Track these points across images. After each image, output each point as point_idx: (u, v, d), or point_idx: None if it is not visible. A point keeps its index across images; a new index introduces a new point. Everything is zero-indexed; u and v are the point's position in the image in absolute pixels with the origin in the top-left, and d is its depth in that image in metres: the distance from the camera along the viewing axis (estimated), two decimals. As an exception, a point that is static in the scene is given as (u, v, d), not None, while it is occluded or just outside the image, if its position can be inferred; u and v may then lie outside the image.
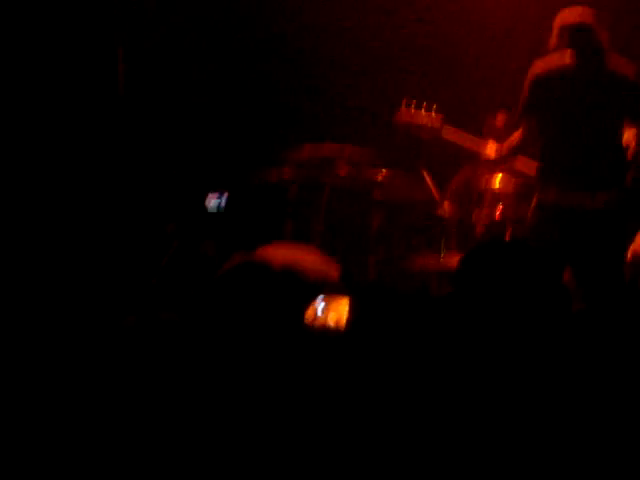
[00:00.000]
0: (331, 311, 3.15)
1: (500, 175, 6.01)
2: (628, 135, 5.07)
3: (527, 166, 5.58)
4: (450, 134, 5.40)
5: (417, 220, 6.17)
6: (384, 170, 6.17)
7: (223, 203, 6.60)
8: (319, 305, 3.17)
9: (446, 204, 6.37)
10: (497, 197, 6.02)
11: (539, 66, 4.99)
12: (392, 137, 5.86)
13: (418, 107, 5.43)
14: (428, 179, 6.05)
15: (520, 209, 5.88)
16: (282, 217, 6.36)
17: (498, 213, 5.96)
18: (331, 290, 3.24)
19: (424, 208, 6.22)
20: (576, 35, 4.89)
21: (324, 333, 3.14)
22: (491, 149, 5.34)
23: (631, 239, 5.19)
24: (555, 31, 4.95)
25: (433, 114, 5.48)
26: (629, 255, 5.56)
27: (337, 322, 3.13)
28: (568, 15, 4.94)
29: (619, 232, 5.00)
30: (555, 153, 5.00)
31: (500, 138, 5.58)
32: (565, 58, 4.97)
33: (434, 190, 5.95)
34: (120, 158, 6.57)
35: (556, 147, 5.00)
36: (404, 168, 6.21)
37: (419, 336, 3.18)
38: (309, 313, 3.17)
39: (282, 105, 7.47)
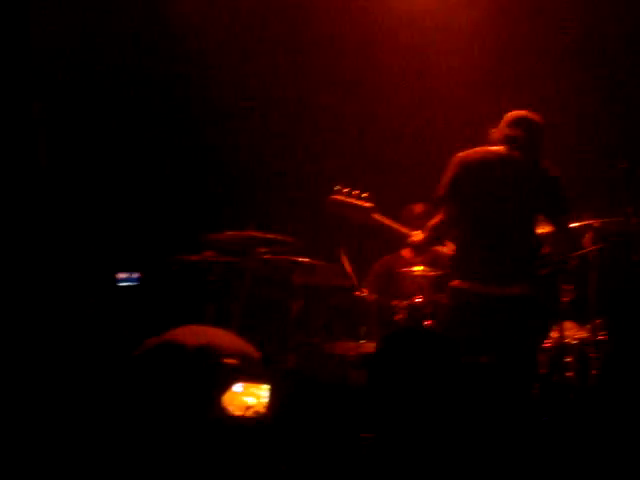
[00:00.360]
0: (250, 397, 3.11)
1: (421, 260, 6.09)
2: (544, 229, 5.18)
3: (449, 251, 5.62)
4: (379, 218, 5.45)
5: (337, 305, 6.16)
6: (304, 256, 6.18)
7: (134, 283, 6.57)
8: (237, 391, 3.13)
9: (366, 290, 6.40)
10: (417, 282, 6.06)
11: (464, 154, 5.09)
12: (316, 222, 5.89)
13: (350, 193, 5.48)
14: (346, 263, 6.06)
15: (440, 294, 5.93)
16: (203, 300, 6.30)
17: (418, 298, 6.00)
18: (250, 376, 3.20)
19: (344, 293, 6.22)
20: (521, 121, 5.11)
21: (243, 420, 3.09)
22: (417, 235, 5.39)
23: (545, 328, 5.24)
24: (502, 124, 5.15)
25: (365, 200, 5.53)
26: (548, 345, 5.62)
27: (256, 409, 3.09)
28: (519, 110, 5.18)
29: (531, 320, 5.02)
30: (468, 245, 5.06)
31: (418, 227, 5.65)
32: (493, 149, 5.09)
33: (352, 275, 5.96)
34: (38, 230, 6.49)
35: (470, 239, 5.06)
36: (324, 256, 6.25)
37: (337, 424, 3.16)
38: (227, 399, 3.13)
39: (206, 189, 7.50)
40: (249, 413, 3.10)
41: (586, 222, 5.80)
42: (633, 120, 6.96)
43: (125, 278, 6.59)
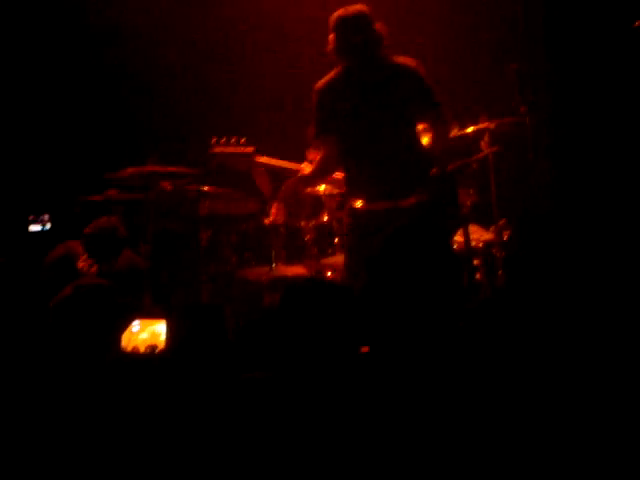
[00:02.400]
0: (147, 334, 3.12)
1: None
2: (426, 132, 5.17)
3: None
4: (264, 160, 5.46)
5: (246, 231, 6.17)
6: (207, 186, 6.17)
7: (46, 225, 6.52)
8: (134, 328, 3.14)
9: (273, 214, 6.41)
10: (321, 202, 6.09)
11: (319, 85, 5.00)
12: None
13: (228, 142, 5.46)
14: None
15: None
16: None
17: (324, 217, 6.04)
18: (146, 313, 3.21)
19: (251, 220, 6.23)
20: (354, 24, 4.82)
21: (141, 356, 3.11)
22: (306, 169, 5.36)
23: (449, 234, 5.28)
24: (331, 30, 4.88)
25: (244, 145, 5.51)
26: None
27: (154, 345, 3.10)
28: (343, 11, 4.88)
29: (432, 227, 5.00)
30: (355, 167, 5.02)
31: None
32: (342, 67, 4.96)
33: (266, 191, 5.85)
34: None
35: (354, 163, 5.02)
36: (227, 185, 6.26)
37: (242, 354, 3.17)
38: (125, 337, 3.14)
39: (103, 126, 7.42)
40: (148, 350, 3.12)
41: (482, 125, 5.86)
42: (522, 20, 6.98)
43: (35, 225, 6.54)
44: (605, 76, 6.54)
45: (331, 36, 4.89)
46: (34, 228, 6.48)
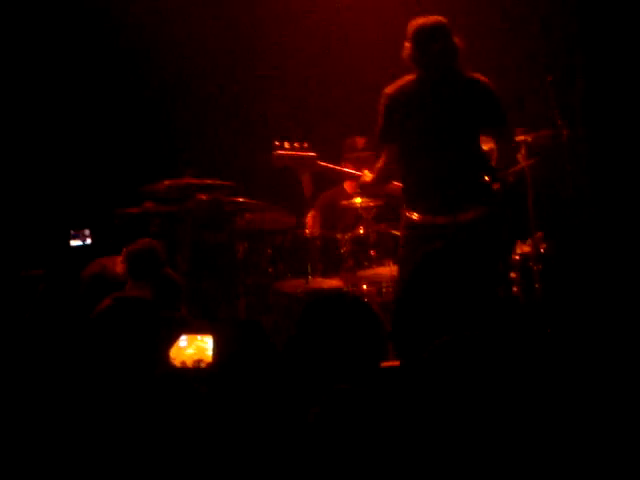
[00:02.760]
0: (195, 350, 3.14)
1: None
2: (490, 146, 5.11)
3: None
4: (326, 165, 5.43)
5: (281, 244, 6.18)
6: (243, 199, 6.21)
7: (87, 240, 6.56)
8: (182, 343, 3.15)
9: (309, 225, 6.43)
10: (359, 214, 6.09)
11: (390, 90, 4.91)
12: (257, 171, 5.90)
13: (292, 145, 5.44)
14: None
15: (381, 224, 5.99)
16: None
17: (361, 229, 6.04)
18: (193, 328, 3.22)
19: (288, 232, 6.25)
20: (434, 34, 4.78)
21: (187, 372, 3.12)
22: (367, 176, 5.34)
23: (505, 250, 5.24)
24: (409, 38, 4.83)
25: (307, 149, 5.49)
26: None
27: (200, 361, 3.12)
28: (422, 20, 4.84)
29: (490, 243, 4.94)
30: (415, 178, 4.94)
31: (360, 161, 5.70)
32: (416, 76, 4.89)
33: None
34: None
35: (415, 172, 4.93)
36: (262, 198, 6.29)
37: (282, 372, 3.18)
38: (173, 352, 3.16)
39: (140, 139, 7.47)
40: (195, 365, 3.13)
41: (519, 138, 5.84)
42: (560, 32, 6.96)
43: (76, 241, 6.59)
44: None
45: (408, 44, 4.84)
46: (75, 243, 6.50)
